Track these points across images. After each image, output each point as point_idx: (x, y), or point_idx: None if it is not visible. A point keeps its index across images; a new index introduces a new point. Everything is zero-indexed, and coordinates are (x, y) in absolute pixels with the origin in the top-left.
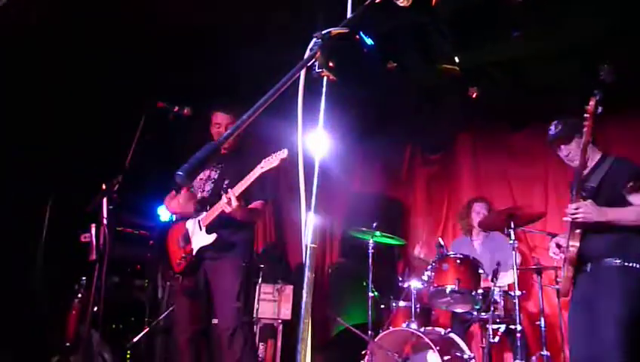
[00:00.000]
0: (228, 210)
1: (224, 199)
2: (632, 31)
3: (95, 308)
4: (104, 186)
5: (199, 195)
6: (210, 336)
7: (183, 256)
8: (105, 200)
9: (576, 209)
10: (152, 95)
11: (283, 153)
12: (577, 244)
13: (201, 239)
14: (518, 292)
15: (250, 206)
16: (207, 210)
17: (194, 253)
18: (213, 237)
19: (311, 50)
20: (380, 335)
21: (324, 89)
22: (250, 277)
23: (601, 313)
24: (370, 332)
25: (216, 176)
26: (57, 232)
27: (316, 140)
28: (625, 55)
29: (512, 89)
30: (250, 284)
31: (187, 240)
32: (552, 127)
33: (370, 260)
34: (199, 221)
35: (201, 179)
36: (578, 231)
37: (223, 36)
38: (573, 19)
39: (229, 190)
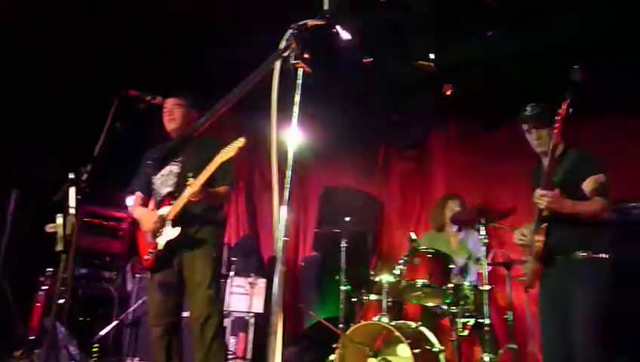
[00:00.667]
0: (195, 198)
1: (188, 190)
2: (609, 33)
3: (61, 301)
4: (72, 175)
5: (164, 191)
6: (182, 329)
7: (150, 251)
8: (72, 189)
9: (542, 196)
10: (124, 83)
11: (240, 142)
12: (543, 239)
13: (166, 234)
14: (487, 287)
15: (217, 190)
16: (171, 205)
17: (160, 247)
18: (177, 231)
19: (286, 40)
20: (352, 328)
21: (299, 81)
22: (220, 268)
23: (576, 309)
24: (341, 325)
25: (178, 171)
26: (22, 222)
27: (291, 134)
28: (601, 56)
29: (487, 88)
30: (220, 275)
31: (154, 235)
32: (529, 108)
33: (343, 254)
34: (165, 215)
35: (162, 175)
36: (544, 225)
37: (199, 27)
38: (549, 20)
39: (192, 180)
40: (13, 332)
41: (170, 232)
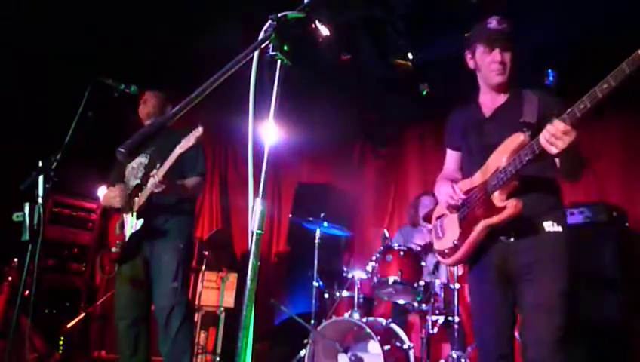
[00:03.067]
0: (158, 190)
1: (151, 181)
2: (585, 36)
3: (26, 292)
4: (40, 163)
5: (133, 183)
6: (150, 321)
7: (118, 243)
8: (41, 178)
9: (567, 133)
10: (98, 70)
11: (198, 131)
12: (517, 202)
13: (132, 225)
14: (457, 285)
15: (184, 182)
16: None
17: (126, 239)
18: (140, 222)
19: (265, 32)
20: (323, 324)
21: (277, 74)
22: (188, 260)
23: (541, 290)
24: (312, 321)
25: (146, 162)
26: None
27: (267, 127)
28: (576, 59)
29: (462, 87)
30: (188, 266)
31: (122, 226)
32: (503, 23)
33: (317, 250)
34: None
35: (133, 168)
36: (513, 183)
37: (179, 14)
38: (525, 21)
39: (155, 170)
40: None
41: (134, 224)
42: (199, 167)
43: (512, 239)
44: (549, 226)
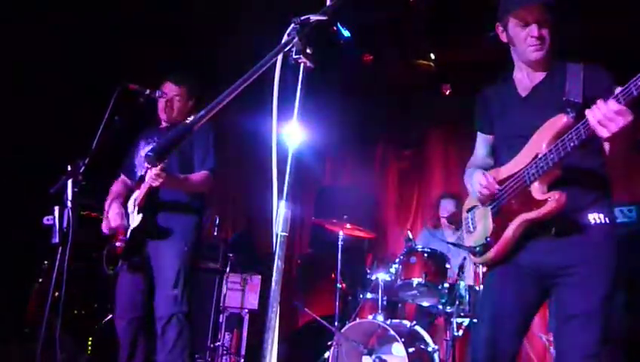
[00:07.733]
0: (156, 183)
1: (149, 173)
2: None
3: (56, 293)
4: (69, 168)
5: (139, 172)
6: (149, 325)
7: (121, 237)
8: (70, 182)
9: (619, 114)
10: (123, 75)
11: None
12: (562, 195)
13: (133, 220)
14: (482, 287)
15: (189, 176)
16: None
17: (127, 235)
18: (139, 218)
19: (289, 35)
20: (347, 326)
21: (300, 76)
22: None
23: (587, 299)
24: (336, 323)
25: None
26: (19, 214)
27: (291, 129)
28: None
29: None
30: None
31: (127, 220)
32: None
33: (340, 251)
34: (134, 200)
35: (141, 156)
36: (556, 172)
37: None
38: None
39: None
40: (7, 324)
41: (135, 219)
42: (209, 161)
43: (552, 235)
44: (595, 218)
